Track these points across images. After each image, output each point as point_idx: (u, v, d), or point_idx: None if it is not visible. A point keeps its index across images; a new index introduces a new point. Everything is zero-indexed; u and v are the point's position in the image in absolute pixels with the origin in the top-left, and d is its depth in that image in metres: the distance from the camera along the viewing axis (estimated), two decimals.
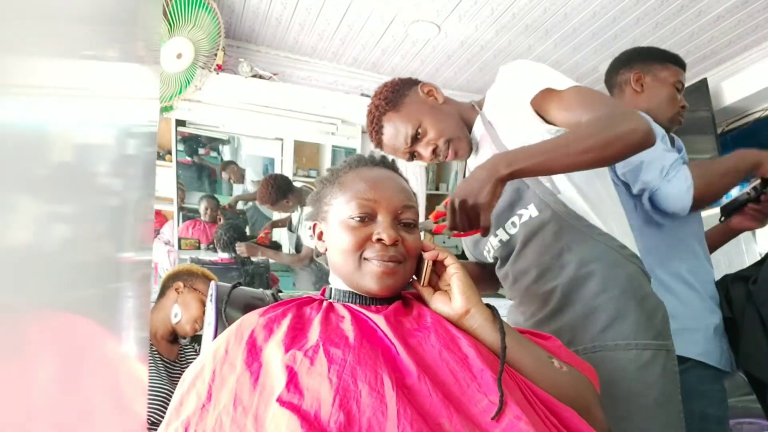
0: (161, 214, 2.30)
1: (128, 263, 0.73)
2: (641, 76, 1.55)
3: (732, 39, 2.32)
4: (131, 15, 0.71)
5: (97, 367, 0.58)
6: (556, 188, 1.07)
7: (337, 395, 0.58)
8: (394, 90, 1.24)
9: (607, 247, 1.04)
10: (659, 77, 1.53)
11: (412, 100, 1.23)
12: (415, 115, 1.21)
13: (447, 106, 1.25)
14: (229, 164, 2.52)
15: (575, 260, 1.03)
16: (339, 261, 0.79)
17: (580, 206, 1.07)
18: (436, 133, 1.20)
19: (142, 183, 0.81)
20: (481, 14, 2.09)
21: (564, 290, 1.03)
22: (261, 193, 2.47)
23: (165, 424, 0.65)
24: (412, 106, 1.22)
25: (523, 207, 1.09)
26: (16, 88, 0.34)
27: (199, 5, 1.97)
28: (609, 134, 0.93)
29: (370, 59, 2.48)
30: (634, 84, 1.55)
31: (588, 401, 0.74)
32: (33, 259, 0.38)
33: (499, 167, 0.91)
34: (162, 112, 2.15)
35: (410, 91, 1.25)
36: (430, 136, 1.20)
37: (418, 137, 1.21)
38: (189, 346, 1.81)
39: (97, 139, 0.56)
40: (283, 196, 2.49)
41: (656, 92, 1.53)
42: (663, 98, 1.52)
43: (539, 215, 1.07)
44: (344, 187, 0.81)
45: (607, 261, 1.03)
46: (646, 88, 1.54)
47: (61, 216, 0.44)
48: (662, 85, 1.52)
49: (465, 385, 0.63)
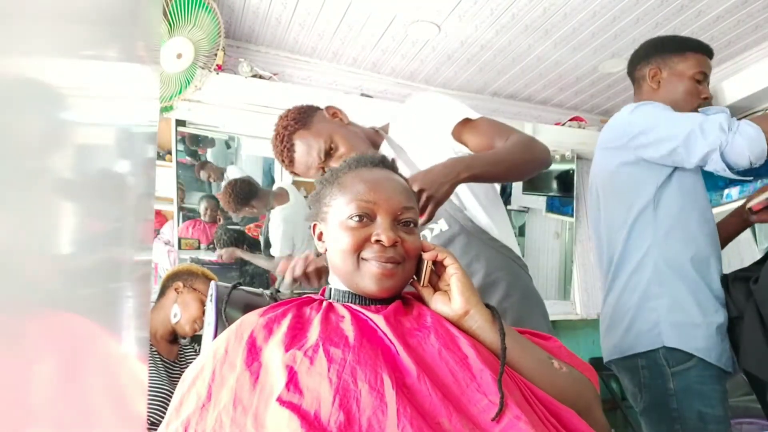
0: (161, 214, 2.30)
1: (128, 263, 0.73)
2: (657, 72, 1.48)
3: (732, 39, 2.31)
4: (131, 15, 0.71)
5: (97, 367, 0.58)
6: (463, 205, 1.25)
7: (337, 395, 0.58)
8: (300, 112, 1.30)
9: (507, 257, 1.23)
10: (676, 71, 1.46)
11: (320, 120, 1.30)
12: (326, 131, 1.27)
13: (352, 127, 1.34)
14: (206, 164, 2.47)
15: (483, 269, 1.18)
16: (338, 261, 0.79)
17: (484, 221, 1.24)
18: (347, 148, 1.26)
19: (142, 183, 0.81)
20: (481, 14, 2.09)
21: None
22: (222, 200, 2.39)
23: (165, 424, 0.65)
24: (322, 124, 1.29)
25: (434, 222, 1.23)
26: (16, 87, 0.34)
27: (199, 5, 1.97)
28: (534, 151, 1.17)
29: (370, 59, 2.48)
30: (650, 81, 1.50)
31: (588, 401, 0.74)
32: (33, 258, 0.38)
33: (459, 169, 1.03)
34: (162, 112, 2.15)
35: (316, 113, 1.32)
36: (342, 151, 1.25)
37: (330, 152, 1.26)
38: (189, 346, 1.81)
39: (96, 139, 0.56)
40: (245, 203, 2.40)
41: (673, 87, 1.46)
42: (680, 93, 1.45)
43: (449, 229, 1.22)
44: (344, 188, 0.81)
45: (509, 270, 1.21)
46: (663, 83, 1.48)
47: (60, 216, 0.44)
48: (680, 80, 1.46)
49: (464, 385, 0.63)
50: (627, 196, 1.42)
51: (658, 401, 1.31)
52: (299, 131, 1.27)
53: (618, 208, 1.44)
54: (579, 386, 0.74)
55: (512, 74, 2.63)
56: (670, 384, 1.28)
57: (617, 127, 1.46)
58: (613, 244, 1.45)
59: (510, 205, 3.33)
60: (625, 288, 1.39)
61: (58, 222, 0.43)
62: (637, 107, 1.42)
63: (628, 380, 1.40)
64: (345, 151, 1.26)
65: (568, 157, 2.87)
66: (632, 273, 1.38)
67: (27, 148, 0.36)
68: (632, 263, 1.39)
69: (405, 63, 2.52)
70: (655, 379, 1.31)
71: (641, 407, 1.37)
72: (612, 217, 1.47)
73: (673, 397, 1.28)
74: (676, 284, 1.33)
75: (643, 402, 1.35)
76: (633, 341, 1.35)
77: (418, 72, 2.61)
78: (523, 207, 3.31)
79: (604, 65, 2.52)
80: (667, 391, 1.29)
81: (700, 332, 1.28)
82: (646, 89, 1.52)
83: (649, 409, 1.34)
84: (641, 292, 1.36)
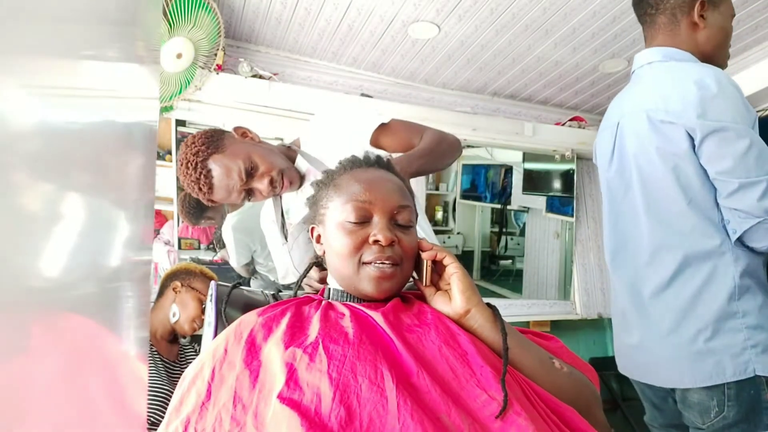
0: (161, 214, 2.30)
1: (128, 263, 0.73)
2: (706, 5, 1.20)
3: (732, 39, 2.32)
4: (131, 15, 0.71)
5: (97, 367, 0.58)
6: None
7: (337, 390, 0.58)
8: (209, 137, 1.26)
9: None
10: (721, 11, 1.23)
11: (232, 141, 1.27)
12: (242, 151, 1.24)
13: (265, 144, 1.34)
14: None
15: None
16: (338, 264, 0.79)
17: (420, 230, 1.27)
18: (268, 166, 1.25)
19: (142, 183, 0.81)
20: (481, 14, 2.09)
21: None
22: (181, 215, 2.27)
23: (165, 424, 0.65)
24: (236, 145, 1.26)
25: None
26: (16, 87, 0.34)
27: (199, 5, 1.97)
28: (448, 141, 1.29)
29: (370, 59, 2.48)
30: (698, 14, 1.20)
31: (588, 401, 0.74)
32: (32, 258, 0.38)
33: (405, 167, 1.11)
34: (162, 112, 2.15)
35: (225, 134, 1.29)
36: (263, 169, 1.24)
37: (251, 172, 1.23)
38: (189, 346, 1.81)
39: (96, 139, 0.56)
40: (200, 217, 2.30)
41: (716, 32, 1.22)
42: (722, 39, 1.23)
43: None
44: (339, 189, 0.81)
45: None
46: (708, 23, 1.21)
47: (60, 216, 0.44)
48: (724, 22, 1.23)
49: (464, 381, 0.63)
50: (693, 182, 1.15)
51: (747, 415, 1.11)
52: (213, 155, 1.21)
53: (679, 196, 1.17)
54: (579, 386, 0.74)
55: (512, 74, 2.63)
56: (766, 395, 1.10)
57: (685, 97, 1.12)
58: (661, 236, 1.21)
59: (510, 205, 3.34)
60: (697, 300, 1.16)
61: (57, 222, 0.43)
62: (721, 80, 1.12)
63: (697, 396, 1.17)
64: (265, 169, 1.24)
65: (568, 157, 2.87)
66: (706, 282, 1.15)
67: (27, 148, 0.36)
68: (703, 270, 1.15)
69: (405, 63, 2.52)
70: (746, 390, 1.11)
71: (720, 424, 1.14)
72: (670, 205, 1.19)
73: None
74: (759, 298, 1.13)
75: (723, 418, 1.13)
76: (715, 367, 1.13)
77: (418, 72, 2.61)
78: (523, 207, 3.31)
79: (604, 65, 2.52)
80: (762, 403, 1.10)
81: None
82: (684, 24, 1.21)
83: (731, 425, 1.13)
84: (720, 307, 1.13)
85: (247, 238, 2.25)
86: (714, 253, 1.15)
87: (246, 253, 2.26)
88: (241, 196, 1.26)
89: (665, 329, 1.20)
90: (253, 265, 2.30)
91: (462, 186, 3.41)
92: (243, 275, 2.28)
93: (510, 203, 3.13)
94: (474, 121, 2.66)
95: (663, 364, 1.22)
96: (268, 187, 1.25)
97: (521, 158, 3.03)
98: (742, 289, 1.13)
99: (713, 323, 1.14)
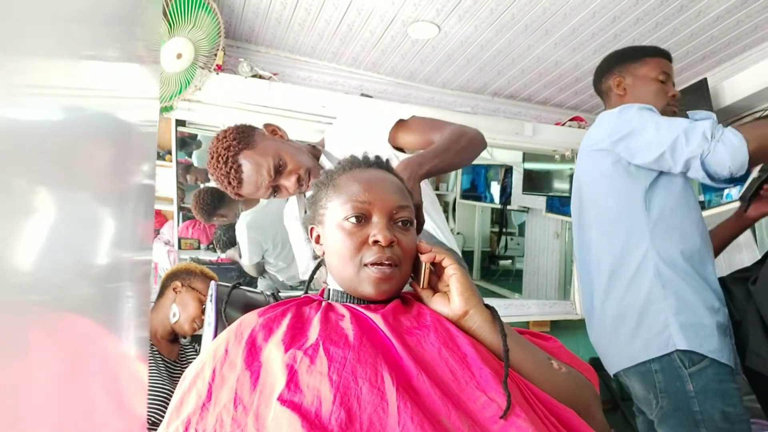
0: (161, 214, 2.30)
1: (128, 263, 0.73)
2: (621, 80, 1.56)
3: (731, 39, 2.31)
4: (131, 15, 0.71)
5: (97, 367, 0.58)
6: None
7: (337, 393, 0.58)
8: (240, 132, 1.27)
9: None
10: (638, 75, 1.54)
11: (263, 138, 1.29)
12: (272, 148, 1.25)
13: (293, 142, 1.34)
14: (190, 167, 2.44)
15: None
16: (338, 265, 0.78)
17: (430, 225, 1.27)
18: (296, 164, 1.26)
19: (141, 183, 0.81)
20: (480, 14, 2.09)
21: None
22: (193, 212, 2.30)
23: (165, 424, 0.65)
24: (266, 142, 1.27)
25: None
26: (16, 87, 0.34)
27: (199, 5, 1.97)
28: (469, 136, 1.23)
29: (370, 59, 2.48)
30: (617, 89, 1.57)
31: (587, 402, 0.74)
32: (32, 258, 0.38)
33: (415, 168, 1.06)
34: (162, 112, 2.15)
35: (256, 131, 1.30)
36: (291, 167, 1.25)
37: (280, 169, 1.25)
38: (189, 346, 1.81)
39: (96, 139, 0.56)
40: (213, 213, 2.33)
41: (640, 92, 1.53)
42: (647, 94, 1.51)
43: None
44: (338, 189, 0.81)
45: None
46: (629, 89, 1.55)
47: (60, 216, 0.44)
48: (644, 83, 1.53)
49: (464, 383, 0.63)
50: (617, 198, 1.42)
51: (678, 405, 1.27)
52: (244, 151, 1.24)
53: (608, 211, 1.44)
54: (578, 386, 0.74)
55: (512, 74, 2.63)
56: (689, 386, 1.26)
57: (604, 128, 1.45)
58: (604, 248, 1.44)
59: (510, 205, 3.34)
60: (627, 292, 1.38)
61: (57, 222, 0.43)
62: (624, 109, 1.43)
63: (639, 387, 1.36)
64: (293, 167, 1.25)
65: (568, 157, 2.87)
66: (633, 277, 1.37)
67: (27, 148, 0.36)
68: (631, 267, 1.37)
69: (405, 63, 2.52)
70: (672, 382, 1.28)
71: (659, 414, 1.32)
72: (602, 221, 1.46)
73: (695, 399, 1.25)
74: (679, 284, 1.31)
75: (660, 408, 1.31)
76: (642, 347, 1.32)
77: (418, 72, 2.61)
78: (523, 207, 3.31)
79: None
80: (687, 393, 1.26)
81: (709, 332, 1.27)
82: (614, 98, 1.58)
83: (669, 415, 1.29)
84: (645, 296, 1.34)
85: (260, 236, 2.27)
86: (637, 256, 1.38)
87: (258, 252, 2.28)
88: (267, 192, 1.27)
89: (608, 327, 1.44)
90: (263, 264, 2.32)
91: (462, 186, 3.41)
92: (252, 274, 2.30)
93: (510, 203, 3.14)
94: (474, 121, 2.65)
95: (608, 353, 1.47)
96: (295, 184, 1.26)
97: (521, 158, 3.03)
98: (663, 279, 1.33)
99: (640, 311, 1.35)
